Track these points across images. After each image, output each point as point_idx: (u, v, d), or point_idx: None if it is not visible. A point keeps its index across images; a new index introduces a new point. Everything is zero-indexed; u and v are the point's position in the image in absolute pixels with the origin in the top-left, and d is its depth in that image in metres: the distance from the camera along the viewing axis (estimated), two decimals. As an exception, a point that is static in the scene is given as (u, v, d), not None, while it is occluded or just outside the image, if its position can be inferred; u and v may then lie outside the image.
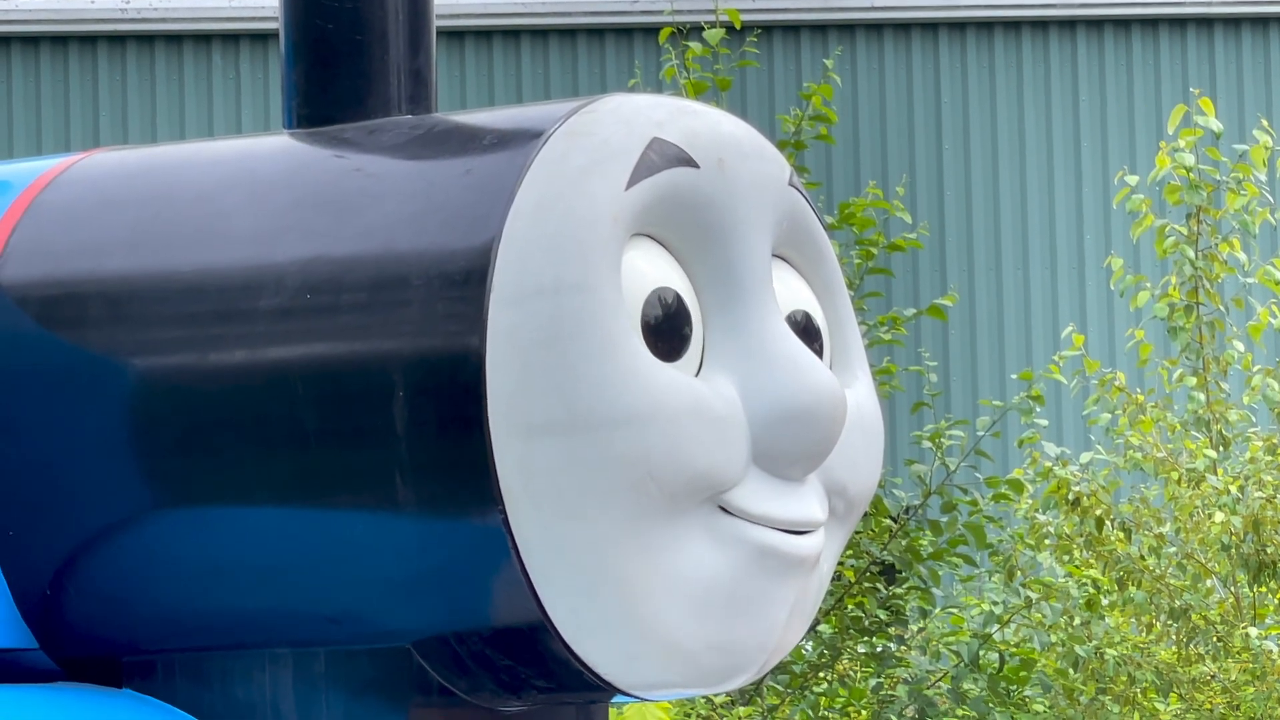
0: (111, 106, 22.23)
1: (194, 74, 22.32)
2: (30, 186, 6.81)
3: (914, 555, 16.73)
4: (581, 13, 22.17)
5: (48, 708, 6.32)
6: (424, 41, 6.86)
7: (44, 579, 6.52)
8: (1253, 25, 22.45)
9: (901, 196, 18.61)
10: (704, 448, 6.23)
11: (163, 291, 6.52)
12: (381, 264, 6.30)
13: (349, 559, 6.32)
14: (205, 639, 6.55)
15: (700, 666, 6.43)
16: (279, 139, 6.79)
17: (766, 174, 6.56)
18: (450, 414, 6.17)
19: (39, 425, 6.51)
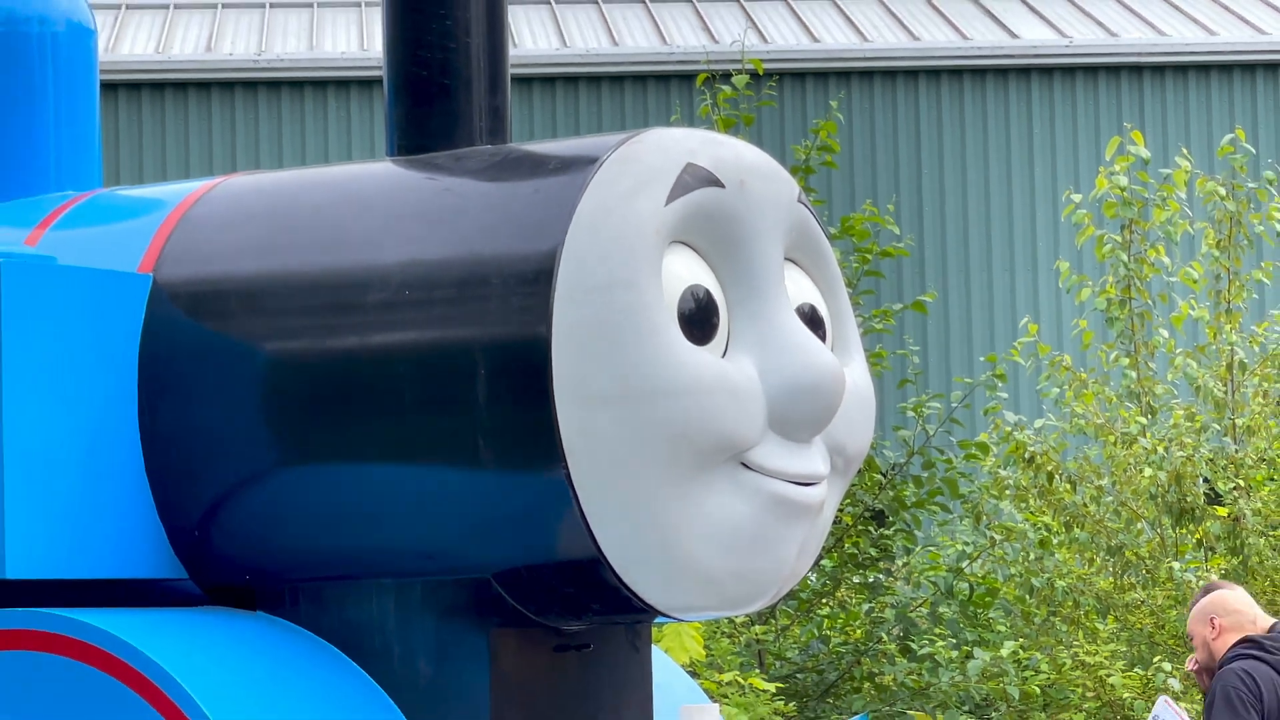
0: (245, 141, 22.25)
1: (313, 113, 22.33)
2: (181, 203, 6.82)
3: (899, 504, 16.73)
4: (630, 61, 22.16)
5: (199, 626, 6.32)
6: (501, 85, 6.86)
7: (193, 522, 6.53)
8: (1174, 71, 22.44)
9: (891, 213, 18.63)
10: (729, 415, 6.22)
11: (288, 288, 6.53)
12: (466, 266, 6.30)
13: (440, 506, 6.32)
14: (323, 571, 6.55)
15: (726, 593, 6.43)
16: (383, 164, 6.79)
17: (779, 193, 6.55)
18: (523, 388, 6.17)
19: (188, 397, 6.51)
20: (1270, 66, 22.75)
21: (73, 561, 6.30)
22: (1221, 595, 10.60)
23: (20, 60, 7.15)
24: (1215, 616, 10.37)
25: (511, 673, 6.41)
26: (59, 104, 7.23)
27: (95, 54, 7.34)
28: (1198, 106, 22.78)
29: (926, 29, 23.22)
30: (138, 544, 6.47)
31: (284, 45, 22.91)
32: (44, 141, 7.21)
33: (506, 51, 6.87)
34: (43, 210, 6.98)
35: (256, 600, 6.60)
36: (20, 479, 6.17)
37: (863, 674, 16.09)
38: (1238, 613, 10.36)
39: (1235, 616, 10.35)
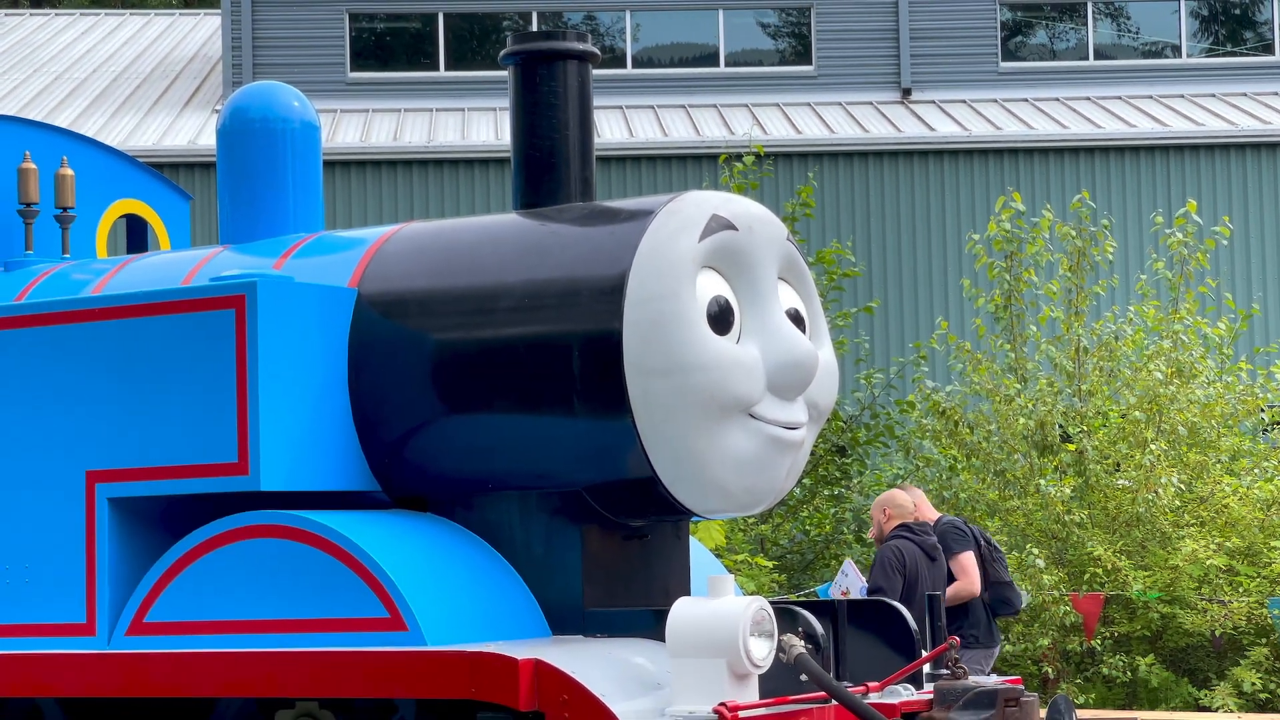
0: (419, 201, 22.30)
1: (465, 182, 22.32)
2: (376, 241, 6.80)
3: (855, 442, 16.70)
4: (674, 146, 22.13)
5: (390, 522, 6.32)
6: (589, 162, 6.83)
7: (385, 453, 6.51)
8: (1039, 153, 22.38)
9: (850, 247, 18.59)
10: (741, 382, 6.20)
11: (448, 298, 6.51)
12: (566, 283, 6.28)
13: (549, 442, 6.30)
14: (469, 487, 6.52)
15: (739, 500, 6.42)
16: (510, 216, 6.75)
17: (775, 234, 6.52)
18: (603, 364, 6.15)
19: (380, 370, 6.50)
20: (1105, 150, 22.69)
21: (305, 478, 6.31)
22: (894, 493, 10.64)
23: (272, 145, 7.16)
24: (886, 507, 10.41)
25: (595, 554, 6.40)
26: (295, 174, 7.23)
27: (319, 141, 7.35)
28: (1056, 177, 22.66)
29: (874, 124, 23.13)
30: (348, 467, 6.46)
31: (445, 136, 22.92)
32: (285, 199, 7.20)
33: (593, 139, 6.86)
34: (284, 246, 6.98)
35: (427, 506, 6.59)
36: (272, 424, 6.18)
37: (831, 555, 16.07)
38: (901, 507, 10.37)
39: (900, 509, 10.35)
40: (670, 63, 25.51)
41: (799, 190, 17.39)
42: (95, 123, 22.91)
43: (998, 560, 10.67)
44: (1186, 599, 13.92)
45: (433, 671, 5.66)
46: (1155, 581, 14.02)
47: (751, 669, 5.58)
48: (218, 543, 6.12)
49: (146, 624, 6.16)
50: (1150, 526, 14.42)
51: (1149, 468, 14.45)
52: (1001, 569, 10.68)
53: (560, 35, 6.74)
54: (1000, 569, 10.65)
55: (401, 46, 25.39)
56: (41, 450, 6.43)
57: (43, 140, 7.74)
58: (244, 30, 24.12)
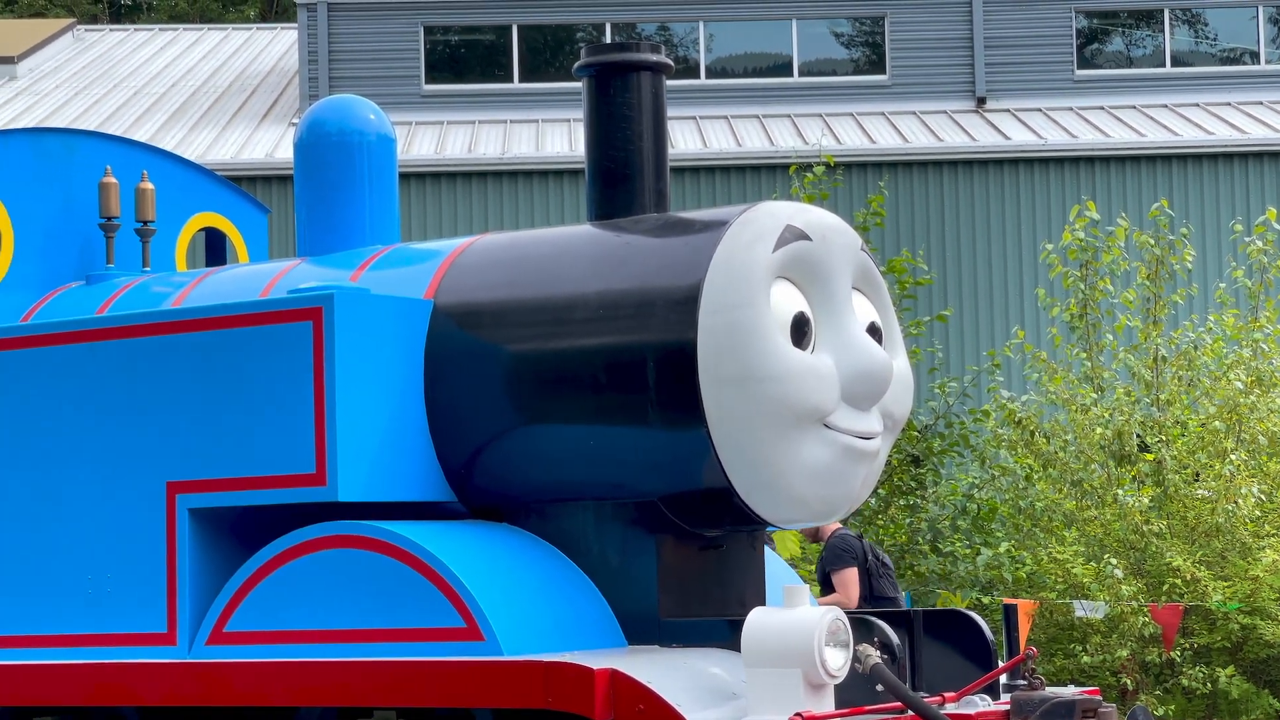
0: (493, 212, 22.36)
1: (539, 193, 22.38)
2: (452, 253, 6.84)
3: (929, 451, 16.62)
4: (747, 157, 22.10)
5: (466, 533, 6.34)
6: (663, 173, 6.84)
7: (460, 463, 6.54)
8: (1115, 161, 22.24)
9: (921, 256, 18.51)
10: (815, 392, 6.20)
11: (522, 308, 6.53)
12: (640, 294, 6.29)
13: (624, 452, 6.31)
14: (544, 495, 6.54)
15: (814, 510, 6.41)
16: (585, 227, 6.77)
17: (848, 244, 6.52)
18: (678, 374, 6.16)
19: (456, 380, 6.53)
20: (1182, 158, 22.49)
21: (382, 489, 6.34)
22: None
23: (348, 158, 7.21)
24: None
25: (670, 564, 6.41)
26: (371, 186, 7.27)
27: (395, 154, 7.39)
28: (1132, 185, 22.49)
29: (948, 133, 23.04)
30: (424, 478, 6.49)
31: (519, 147, 22.99)
32: (361, 212, 7.24)
33: (667, 150, 6.87)
34: (361, 258, 7.02)
35: (503, 516, 6.62)
36: (349, 435, 6.21)
37: (905, 565, 15.99)
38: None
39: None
40: (744, 73, 25.50)
41: (869, 199, 17.34)
42: (174, 137, 23.13)
43: (885, 576, 10.75)
44: (1267, 610, 13.77)
45: (509, 681, 5.68)
46: (1235, 592, 13.88)
47: (827, 679, 5.57)
48: (296, 553, 6.16)
49: (226, 633, 6.21)
50: (1230, 537, 14.27)
51: (1229, 478, 14.30)
52: (888, 584, 10.73)
53: (634, 46, 6.76)
54: (886, 584, 10.71)
55: (476, 59, 25.49)
56: (123, 461, 6.50)
57: (124, 155, 7.83)
58: (320, 44, 24.29)
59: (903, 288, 16.85)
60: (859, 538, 10.83)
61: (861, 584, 10.41)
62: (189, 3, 42.96)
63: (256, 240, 8.44)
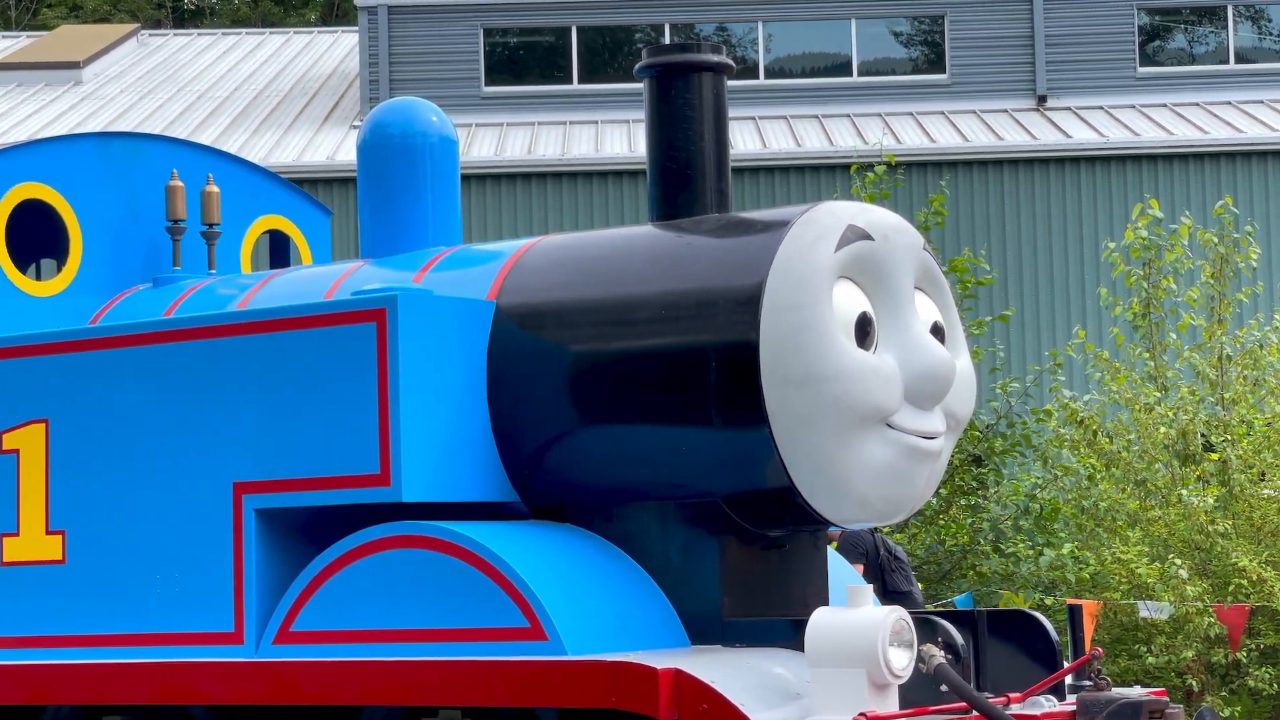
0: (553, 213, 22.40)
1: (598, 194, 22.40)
2: (514, 254, 6.86)
3: (991, 451, 16.53)
4: (807, 157, 22.06)
5: (530, 533, 6.36)
6: (724, 173, 6.84)
7: (523, 463, 6.56)
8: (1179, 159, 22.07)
9: (983, 255, 18.43)
10: (878, 392, 6.19)
11: (584, 309, 6.55)
12: (702, 294, 6.30)
13: (686, 452, 6.31)
14: (607, 496, 6.56)
15: (877, 510, 6.40)
16: (646, 228, 6.79)
17: (911, 244, 6.51)
18: (740, 375, 6.16)
19: (519, 381, 6.54)
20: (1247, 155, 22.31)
21: (446, 489, 6.37)
22: None
23: (410, 160, 7.24)
24: None
25: (733, 563, 6.41)
26: (434, 188, 7.30)
27: (457, 156, 7.42)
28: (1196, 183, 22.34)
29: (1009, 132, 22.95)
30: (488, 478, 6.52)
31: (579, 149, 23.03)
32: (424, 213, 7.27)
33: (728, 151, 6.88)
34: (424, 259, 7.05)
35: (565, 516, 6.63)
36: (413, 436, 6.24)
37: (968, 566, 15.94)
38: None
39: None
40: (803, 73, 25.46)
41: (930, 199, 17.27)
42: (237, 140, 23.28)
43: (898, 570, 10.67)
44: (1334, 610, 13.66)
45: (573, 681, 5.69)
46: (1302, 592, 13.76)
47: (891, 679, 5.56)
48: (361, 553, 6.20)
49: (293, 633, 6.25)
50: (1297, 537, 14.16)
51: (1295, 477, 14.20)
52: (900, 579, 10.64)
53: (695, 47, 6.76)
54: (899, 579, 10.62)
55: (535, 60, 25.55)
56: (190, 462, 6.55)
57: (189, 158, 7.89)
58: (380, 46, 24.40)
59: (964, 287, 16.79)
60: (871, 532, 10.78)
61: (873, 579, 10.35)
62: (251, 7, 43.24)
63: (319, 242, 8.50)
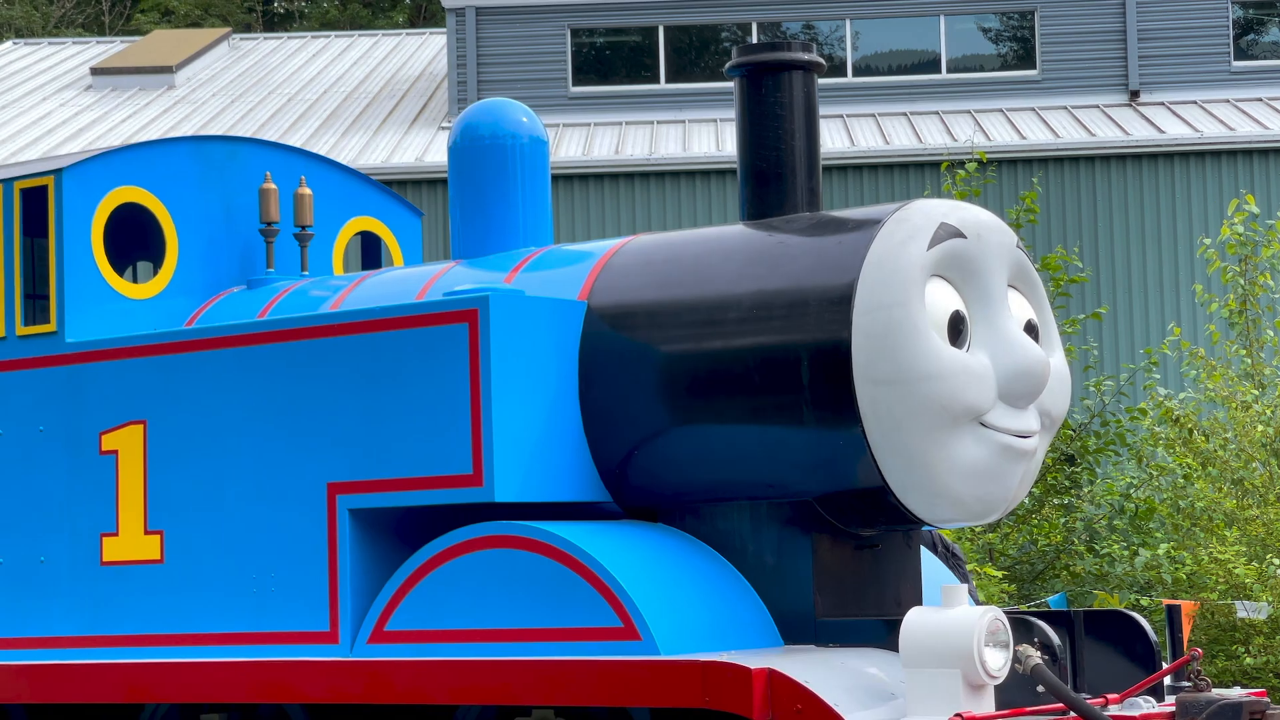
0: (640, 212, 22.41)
1: (686, 194, 22.40)
2: (605, 255, 6.87)
3: (1085, 450, 16.40)
4: (896, 154, 21.98)
5: (622, 533, 6.36)
6: (815, 172, 6.81)
7: (614, 464, 6.57)
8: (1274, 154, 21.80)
9: (1076, 253, 18.28)
10: (971, 390, 6.16)
11: (676, 309, 6.54)
12: (794, 294, 6.28)
13: (779, 452, 6.30)
14: (699, 496, 6.55)
15: (970, 510, 6.36)
16: (737, 227, 6.77)
17: (1003, 241, 6.46)
18: (832, 374, 6.14)
19: (610, 381, 6.55)
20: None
21: (538, 489, 6.38)
22: None
23: (502, 161, 7.26)
24: None
25: (826, 563, 6.40)
26: (524, 188, 7.31)
27: (547, 156, 7.43)
28: (1291, 176, 22.09)
29: (1101, 128, 22.76)
30: (580, 478, 6.53)
31: (666, 148, 23.04)
32: (515, 214, 7.29)
33: (819, 150, 6.85)
34: (515, 260, 7.07)
35: (657, 515, 6.64)
36: (505, 436, 6.26)
37: (1061, 565, 15.81)
38: None
39: None
40: (890, 70, 25.36)
41: (1022, 196, 17.15)
42: (326, 142, 23.45)
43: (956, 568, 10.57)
44: None
45: (667, 680, 5.70)
46: (1402, 592, 13.57)
47: (987, 680, 5.53)
48: (455, 553, 6.22)
49: (387, 632, 6.28)
50: (1397, 536, 13.97)
51: (1394, 475, 14.01)
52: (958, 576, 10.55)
53: (786, 46, 6.75)
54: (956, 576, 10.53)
55: (621, 60, 25.58)
56: (285, 462, 6.60)
57: (282, 161, 7.95)
58: (468, 48, 24.51)
59: (1057, 285, 16.66)
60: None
61: None
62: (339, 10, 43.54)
63: (410, 243, 8.54)
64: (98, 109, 26.45)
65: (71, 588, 7.01)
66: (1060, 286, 16.75)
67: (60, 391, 7.12)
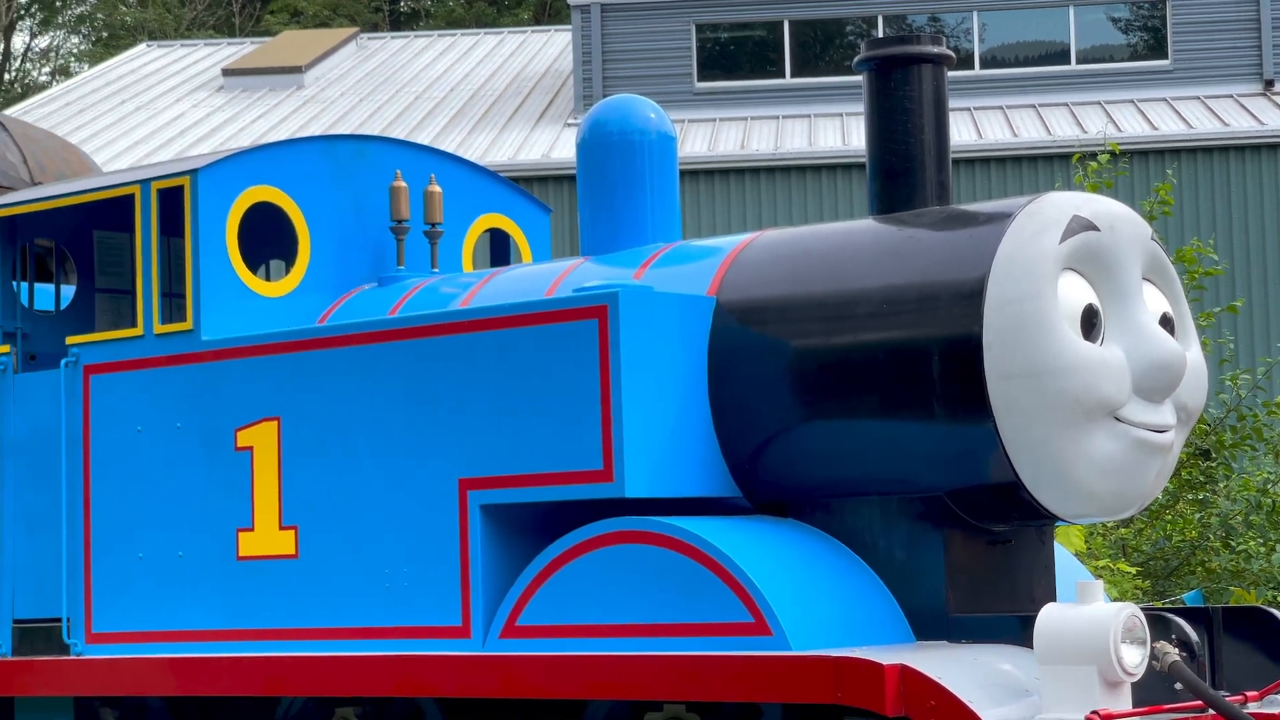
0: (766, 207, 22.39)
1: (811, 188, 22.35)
2: (734, 250, 6.86)
3: (1220, 445, 16.19)
4: (1024, 147, 21.82)
5: (753, 528, 6.36)
6: (945, 166, 6.77)
7: (744, 459, 6.57)
8: None
9: (1211, 245, 18.04)
10: (1105, 384, 6.10)
11: (805, 304, 6.52)
12: (924, 288, 6.25)
13: (910, 447, 6.27)
14: (830, 491, 6.53)
15: (1105, 505, 6.30)
16: (866, 221, 6.74)
17: (1138, 234, 6.40)
18: (964, 369, 6.10)
19: (740, 377, 6.54)
20: None
21: (668, 485, 6.39)
22: None
23: (630, 157, 7.27)
24: None
25: (958, 559, 6.36)
26: (653, 184, 7.32)
27: (675, 152, 7.43)
28: None
29: (1234, 118, 22.42)
30: (710, 473, 6.53)
31: (791, 143, 22.99)
32: (643, 210, 7.30)
33: (949, 143, 6.81)
34: (644, 256, 7.09)
35: (787, 510, 6.62)
36: (635, 432, 6.27)
37: (1197, 561, 15.60)
38: None
39: None
40: (1018, 62, 25.13)
41: (1156, 188, 16.93)
42: (453, 140, 23.62)
43: None
44: None
45: (798, 676, 5.69)
46: None
47: (1124, 677, 5.47)
48: (586, 548, 6.25)
49: (519, 627, 6.32)
50: None
51: None
52: None
53: (915, 39, 6.71)
54: None
55: (747, 55, 25.55)
56: (416, 458, 6.66)
57: (412, 159, 8.02)
58: (594, 45, 24.60)
59: (1192, 278, 16.43)
60: None
61: None
62: (465, 8, 43.84)
63: (539, 240, 8.58)
64: (229, 109, 26.82)
65: (208, 582, 7.11)
66: (1195, 279, 16.53)
67: (196, 389, 7.22)
